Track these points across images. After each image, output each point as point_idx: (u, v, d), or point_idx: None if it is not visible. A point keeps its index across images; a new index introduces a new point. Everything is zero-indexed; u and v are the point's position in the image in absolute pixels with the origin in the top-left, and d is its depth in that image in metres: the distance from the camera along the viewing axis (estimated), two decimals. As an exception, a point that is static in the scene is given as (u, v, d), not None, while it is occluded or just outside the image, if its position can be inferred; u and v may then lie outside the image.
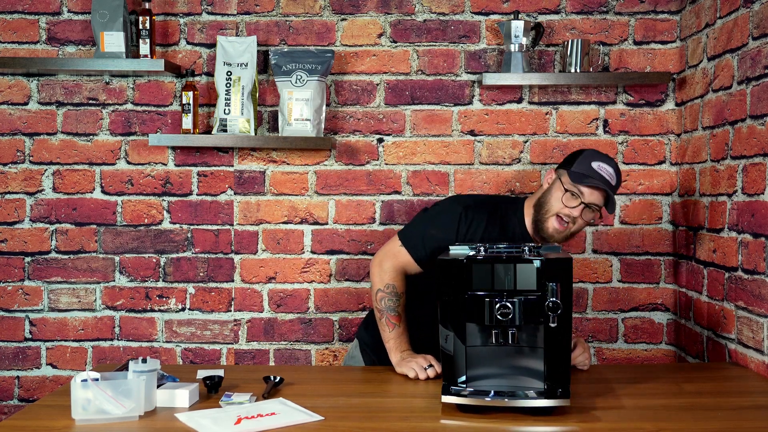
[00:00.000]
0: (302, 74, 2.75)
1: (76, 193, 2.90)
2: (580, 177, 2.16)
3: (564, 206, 2.17)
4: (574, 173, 2.17)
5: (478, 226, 2.21)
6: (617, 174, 2.21)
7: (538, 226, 2.21)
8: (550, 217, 2.19)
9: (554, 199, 2.19)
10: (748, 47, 2.28)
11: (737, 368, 2.28)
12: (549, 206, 2.19)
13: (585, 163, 2.19)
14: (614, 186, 2.20)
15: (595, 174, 2.16)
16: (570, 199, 2.17)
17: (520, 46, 2.74)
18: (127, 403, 1.71)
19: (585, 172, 2.17)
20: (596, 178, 2.16)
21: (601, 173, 2.17)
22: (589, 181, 2.15)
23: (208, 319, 2.91)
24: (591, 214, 2.20)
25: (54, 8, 2.87)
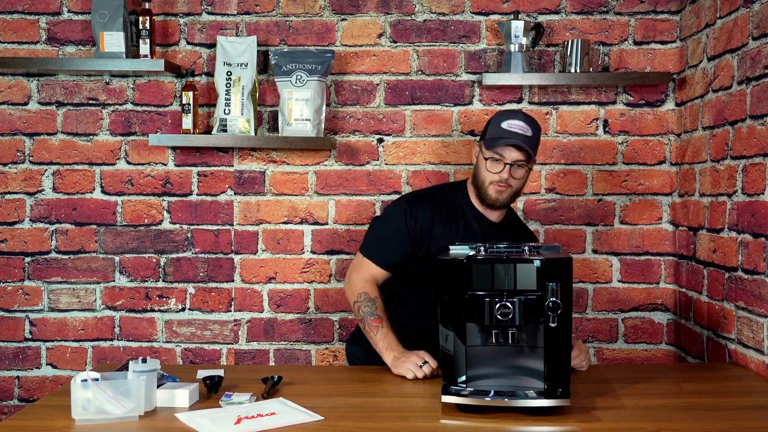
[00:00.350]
0: (302, 74, 2.75)
1: (76, 193, 2.90)
2: (494, 141, 2.22)
3: (492, 173, 2.23)
4: (488, 140, 2.24)
5: (425, 217, 2.28)
6: (530, 123, 2.26)
7: (482, 198, 2.29)
8: (487, 187, 2.26)
9: (482, 170, 2.26)
10: (748, 47, 2.29)
11: (737, 368, 2.28)
12: (481, 178, 2.27)
13: (495, 126, 2.25)
14: (531, 136, 2.25)
15: (506, 133, 2.22)
16: (494, 165, 2.23)
17: (520, 46, 2.74)
18: (127, 403, 1.71)
19: (497, 135, 2.23)
20: (508, 137, 2.21)
21: (512, 129, 2.22)
22: (503, 142, 2.20)
23: (208, 319, 2.91)
24: (521, 170, 2.25)
25: (54, 8, 2.87)
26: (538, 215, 2.87)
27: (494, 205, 2.28)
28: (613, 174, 2.86)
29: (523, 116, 2.26)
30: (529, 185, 2.86)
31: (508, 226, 2.37)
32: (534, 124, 2.26)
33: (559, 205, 2.87)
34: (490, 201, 2.27)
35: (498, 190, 2.25)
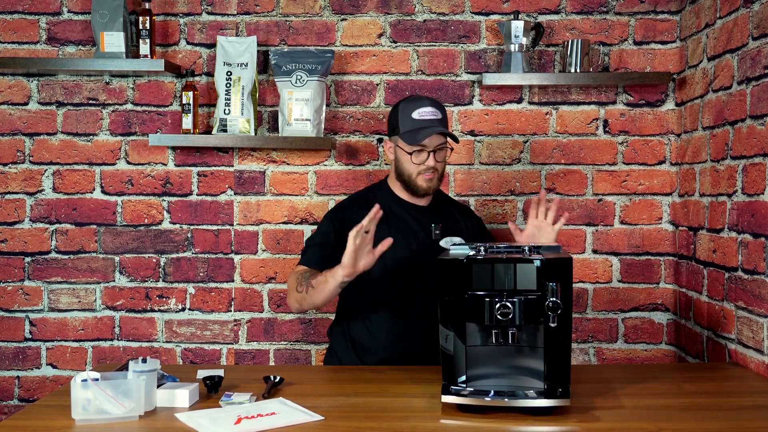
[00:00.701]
0: (302, 74, 2.75)
1: (76, 193, 2.90)
2: (414, 136, 2.27)
3: (418, 165, 2.29)
4: (406, 134, 2.28)
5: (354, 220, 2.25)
6: (436, 105, 2.32)
7: (413, 190, 2.34)
8: (415, 179, 2.31)
9: (407, 164, 2.31)
10: (748, 47, 2.29)
11: (737, 368, 2.28)
12: (408, 172, 2.32)
13: (408, 118, 2.30)
14: (442, 118, 2.31)
15: (422, 123, 2.28)
16: (419, 156, 2.29)
17: (520, 46, 2.74)
18: (127, 403, 1.71)
19: (414, 126, 2.28)
20: (426, 126, 2.27)
21: (426, 117, 2.28)
22: (424, 134, 2.25)
23: (208, 319, 2.91)
24: (443, 153, 2.33)
25: (54, 8, 2.87)
26: (538, 215, 2.87)
27: (426, 194, 2.35)
28: (613, 174, 2.86)
29: (429, 101, 2.32)
30: (529, 185, 2.86)
31: (439, 206, 2.42)
32: (440, 105, 2.34)
33: (559, 205, 2.86)
34: (422, 191, 2.33)
35: (427, 179, 2.31)
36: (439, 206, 2.43)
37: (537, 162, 2.87)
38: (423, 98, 2.34)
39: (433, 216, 2.39)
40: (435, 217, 2.39)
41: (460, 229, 2.43)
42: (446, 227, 2.40)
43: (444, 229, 2.39)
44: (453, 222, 2.43)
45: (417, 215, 2.38)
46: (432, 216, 2.39)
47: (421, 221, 2.37)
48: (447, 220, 2.41)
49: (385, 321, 2.35)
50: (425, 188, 2.33)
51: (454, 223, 2.43)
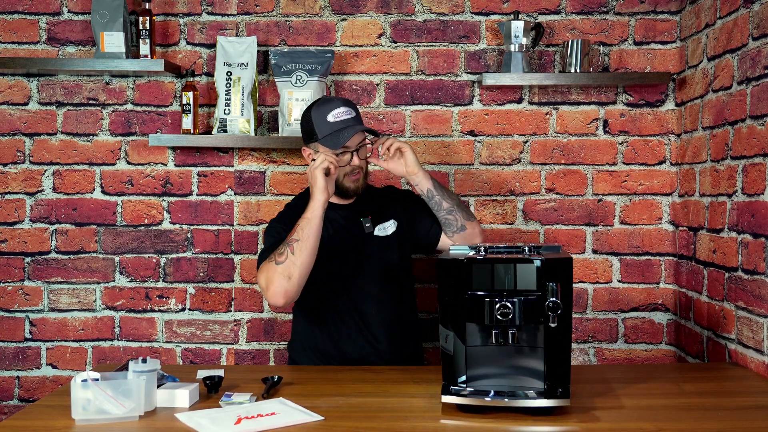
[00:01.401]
0: (302, 74, 2.75)
1: (76, 193, 2.90)
2: (335, 139, 2.25)
3: (344, 167, 2.29)
4: (326, 139, 2.26)
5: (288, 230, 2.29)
6: (348, 104, 2.31)
7: (343, 191, 2.34)
8: (343, 180, 2.32)
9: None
10: (748, 47, 2.29)
11: (737, 368, 2.28)
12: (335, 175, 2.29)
13: (323, 123, 2.27)
14: (356, 115, 2.31)
15: (339, 124, 2.26)
16: (343, 158, 2.28)
17: (520, 47, 2.74)
18: (127, 403, 1.71)
19: (332, 130, 2.26)
20: (344, 127, 2.26)
21: (341, 118, 2.27)
22: (346, 134, 2.24)
23: (208, 319, 2.91)
24: (365, 148, 2.34)
25: (54, 8, 2.87)
26: (538, 215, 2.87)
27: (355, 194, 2.36)
28: (613, 174, 2.86)
29: (339, 101, 2.31)
30: (529, 185, 2.86)
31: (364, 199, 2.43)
32: (350, 103, 2.33)
33: (559, 205, 2.87)
34: (351, 192, 2.35)
35: (354, 180, 2.33)
36: (364, 199, 2.44)
37: (537, 162, 2.87)
38: (333, 99, 2.33)
39: (360, 211, 2.41)
40: (363, 211, 2.41)
41: (386, 212, 2.44)
42: (376, 217, 2.42)
43: (375, 219, 2.41)
44: (381, 208, 2.45)
45: (347, 214, 2.41)
46: (360, 211, 2.41)
47: (351, 219, 2.40)
48: (375, 210, 2.43)
49: (341, 323, 2.38)
50: (354, 189, 2.34)
51: (382, 208, 2.45)
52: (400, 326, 2.41)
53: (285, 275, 2.19)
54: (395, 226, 2.43)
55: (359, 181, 2.34)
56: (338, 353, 2.38)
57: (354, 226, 2.40)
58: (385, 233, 2.41)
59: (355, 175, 2.33)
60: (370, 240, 2.39)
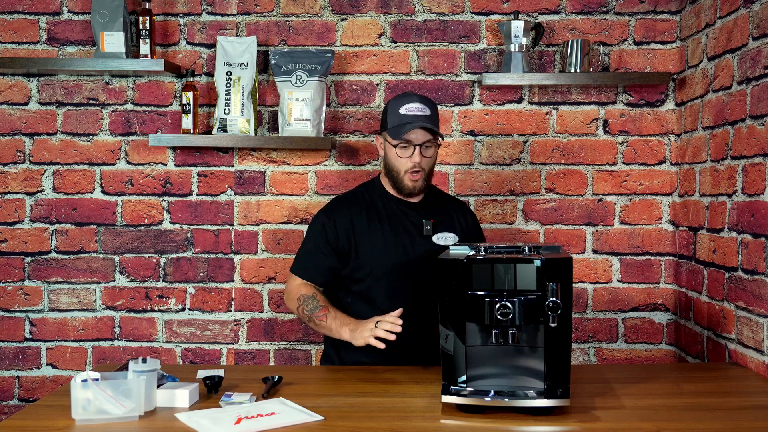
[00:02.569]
0: (302, 74, 2.75)
1: (76, 193, 2.90)
2: (398, 130, 2.26)
3: (405, 160, 2.27)
4: (392, 129, 2.27)
5: (344, 222, 2.33)
6: (426, 102, 2.30)
7: (400, 188, 2.32)
8: (402, 177, 2.29)
9: (394, 160, 2.29)
10: (748, 47, 2.29)
11: (737, 368, 2.28)
12: (396, 168, 2.30)
13: (395, 114, 2.28)
14: (431, 114, 2.29)
15: (408, 118, 2.26)
16: (404, 151, 2.27)
17: (520, 47, 2.74)
18: (127, 403, 1.71)
19: (399, 122, 2.26)
20: (411, 121, 2.25)
21: (413, 112, 2.26)
22: (409, 127, 2.24)
23: (208, 319, 2.91)
24: (430, 150, 2.30)
25: (54, 8, 2.87)
26: (538, 215, 2.87)
27: (411, 193, 2.34)
28: (613, 174, 2.86)
29: (418, 97, 2.31)
30: (529, 185, 2.86)
31: (432, 202, 2.42)
32: (430, 102, 2.32)
33: (559, 205, 2.87)
34: (408, 190, 2.32)
35: (412, 178, 2.30)
36: (431, 202, 2.42)
37: (537, 162, 2.87)
38: (413, 95, 2.33)
39: (425, 212, 2.38)
40: (427, 213, 2.38)
41: (453, 225, 2.42)
42: (439, 223, 2.39)
43: (436, 225, 2.38)
44: (446, 217, 2.42)
45: (409, 211, 2.38)
46: (424, 212, 2.38)
47: (412, 217, 2.37)
48: (440, 216, 2.41)
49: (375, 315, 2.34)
50: (411, 188, 2.31)
51: (447, 218, 2.42)
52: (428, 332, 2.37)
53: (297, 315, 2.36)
54: (455, 241, 2.39)
55: (419, 181, 2.30)
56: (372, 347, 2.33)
57: (414, 226, 2.36)
58: (444, 243, 2.37)
59: (415, 174, 2.29)
60: (426, 243, 2.34)
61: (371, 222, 2.34)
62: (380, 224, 2.33)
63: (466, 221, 2.46)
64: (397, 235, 2.33)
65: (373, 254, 2.32)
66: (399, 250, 2.33)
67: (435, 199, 2.44)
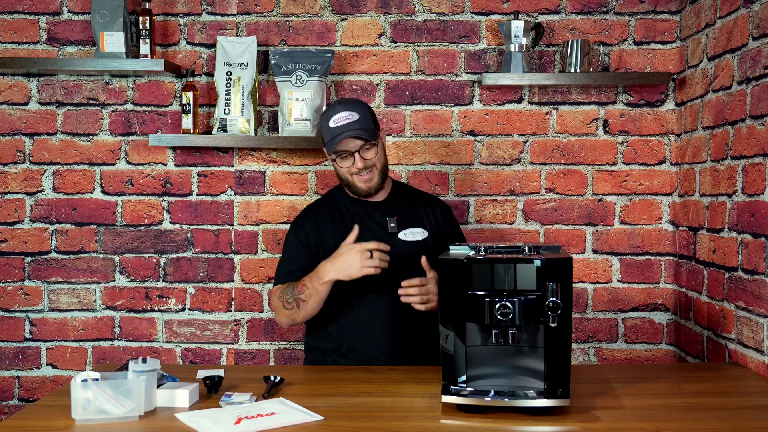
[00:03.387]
0: (302, 74, 2.75)
1: (76, 193, 2.90)
2: (332, 144, 2.30)
3: (348, 168, 2.32)
4: (327, 145, 2.32)
5: (311, 227, 2.39)
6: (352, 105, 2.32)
7: (356, 191, 2.37)
8: (354, 182, 2.34)
9: (340, 170, 2.35)
10: (748, 47, 2.29)
11: (737, 368, 2.28)
12: (344, 176, 2.35)
13: (326, 128, 2.33)
14: (359, 118, 2.30)
15: (337, 130, 2.29)
16: (345, 161, 2.31)
17: (520, 47, 2.74)
18: (127, 403, 1.71)
19: (331, 136, 2.30)
20: (340, 132, 2.28)
21: (340, 123, 2.29)
22: (338, 140, 2.27)
23: (208, 319, 2.91)
24: (371, 150, 2.32)
25: (54, 8, 2.87)
26: (538, 215, 2.87)
27: (368, 194, 2.36)
28: (613, 174, 2.86)
29: (342, 105, 2.33)
30: (529, 185, 2.86)
31: (396, 199, 2.44)
32: (357, 105, 2.34)
33: (559, 205, 2.87)
34: (364, 192, 2.36)
35: (362, 179, 2.33)
36: (396, 199, 2.44)
37: (537, 162, 2.87)
38: (338, 104, 2.34)
39: (388, 210, 2.40)
40: (391, 210, 2.40)
41: (421, 221, 2.43)
42: (405, 219, 2.41)
43: (401, 222, 2.40)
44: (413, 213, 2.43)
45: (372, 211, 2.40)
46: (387, 210, 2.40)
47: (376, 217, 2.39)
48: (405, 213, 2.42)
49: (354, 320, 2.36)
50: (365, 189, 2.34)
51: (414, 214, 2.43)
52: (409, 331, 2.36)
53: (290, 319, 2.34)
54: (424, 236, 2.40)
55: (371, 181, 2.33)
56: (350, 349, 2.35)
57: (378, 225, 2.38)
58: (412, 239, 2.39)
59: (364, 176, 2.32)
60: (391, 241, 2.34)
61: (336, 225, 2.38)
62: (345, 227, 2.36)
63: (435, 216, 2.46)
64: (363, 235, 2.34)
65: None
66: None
67: (401, 197, 2.46)
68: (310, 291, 2.26)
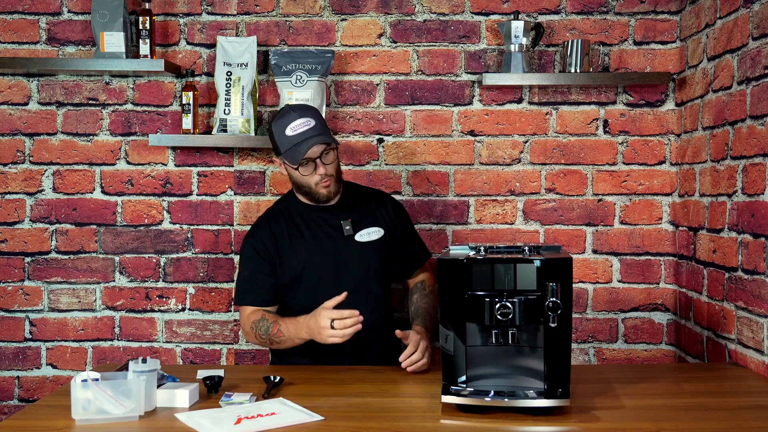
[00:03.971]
0: (302, 74, 2.75)
1: (76, 193, 2.90)
2: (294, 153, 2.26)
3: (310, 176, 2.30)
4: (287, 154, 2.28)
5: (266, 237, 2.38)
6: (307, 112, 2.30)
7: (316, 198, 2.36)
8: (315, 190, 2.33)
9: (300, 178, 2.33)
10: (748, 47, 2.29)
11: (737, 368, 2.28)
12: (305, 184, 2.33)
13: (282, 137, 2.29)
14: (315, 123, 2.28)
15: (297, 137, 2.26)
16: (307, 169, 2.29)
17: (520, 47, 2.74)
18: (127, 403, 1.71)
19: (291, 144, 2.27)
20: (302, 140, 2.25)
21: (299, 130, 2.27)
22: (302, 148, 2.24)
23: (208, 319, 2.91)
24: (331, 154, 2.31)
25: (54, 8, 2.87)
26: (538, 215, 2.87)
27: (329, 199, 2.37)
28: (613, 174, 2.86)
29: (296, 112, 2.30)
30: (529, 185, 2.86)
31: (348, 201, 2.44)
32: (308, 110, 2.32)
33: (559, 205, 2.87)
34: (324, 198, 2.35)
35: (324, 185, 2.32)
36: (348, 201, 2.45)
37: (537, 162, 2.87)
38: (290, 111, 2.32)
39: (342, 213, 2.42)
40: (344, 213, 2.42)
41: (376, 219, 2.45)
42: (359, 220, 2.42)
43: (357, 223, 2.41)
44: (367, 213, 2.45)
45: (327, 216, 2.41)
46: (341, 213, 2.41)
47: (331, 222, 2.40)
48: (359, 213, 2.43)
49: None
50: (326, 195, 2.34)
51: (368, 214, 2.45)
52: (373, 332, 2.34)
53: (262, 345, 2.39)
54: (380, 235, 2.42)
55: (330, 186, 2.34)
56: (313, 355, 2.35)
57: (334, 230, 2.40)
58: (369, 239, 2.41)
59: (325, 182, 2.32)
60: (350, 243, 2.38)
61: (292, 234, 2.38)
62: (300, 235, 2.37)
63: (387, 211, 2.49)
64: (319, 242, 2.35)
65: (299, 266, 2.36)
66: (325, 256, 2.37)
67: (353, 197, 2.47)
68: (285, 338, 2.27)
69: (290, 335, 2.25)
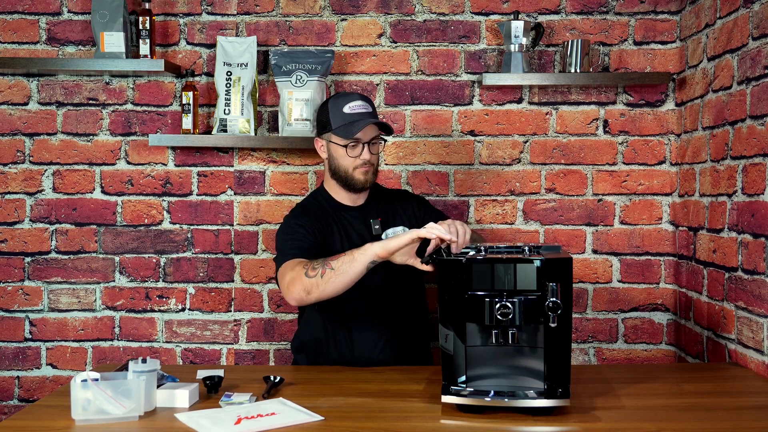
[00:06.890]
0: (302, 74, 2.75)
1: (76, 193, 2.90)
2: (348, 129, 2.27)
3: (354, 158, 2.29)
4: (339, 129, 2.28)
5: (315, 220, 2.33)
6: (366, 99, 2.34)
7: (350, 184, 2.34)
8: (353, 173, 2.32)
9: (342, 159, 2.32)
10: (748, 47, 2.29)
11: (737, 368, 2.28)
12: (345, 167, 2.32)
13: (338, 114, 2.30)
14: (373, 111, 2.33)
15: (354, 116, 2.28)
16: (354, 150, 2.29)
17: (520, 47, 2.74)
18: (127, 403, 1.71)
19: (346, 121, 2.28)
20: (358, 119, 2.27)
21: (356, 111, 2.29)
22: (359, 125, 2.26)
23: (208, 319, 2.91)
24: (377, 146, 2.35)
25: (54, 8, 2.87)
26: (538, 215, 2.87)
27: (363, 188, 2.35)
28: (613, 174, 2.86)
29: (357, 95, 2.34)
30: (529, 185, 2.86)
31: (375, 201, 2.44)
32: (367, 99, 2.36)
33: (559, 205, 2.87)
34: (360, 185, 2.34)
35: (364, 171, 2.32)
36: (375, 201, 2.45)
37: (537, 162, 2.87)
38: (352, 93, 2.36)
39: (370, 212, 2.42)
40: (373, 213, 2.42)
41: (400, 217, 2.45)
42: (386, 219, 2.43)
43: (384, 222, 2.42)
44: (392, 212, 2.46)
45: (356, 215, 2.41)
46: (370, 213, 2.42)
47: (361, 220, 2.40)
48: (385, 213, 2.44)
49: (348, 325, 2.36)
50: (363, 181, 2.33)
51: (392, 213, 2.46)
52: (406, 329, 2.40)
53: (306, 290, 2.10)
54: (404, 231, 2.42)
55: (368, 174, 2.34)
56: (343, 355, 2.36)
57: (365, 229, 2.40)
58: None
59: (364, 167, 2.32)
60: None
61: (327, 228, 2.37)
62: (334, 230, 2.37)
63: (413, 210, 2.49)
64: (351, 239, 2.35)
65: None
66: None
67: (377, 198, 2.47)
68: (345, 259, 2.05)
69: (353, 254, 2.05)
